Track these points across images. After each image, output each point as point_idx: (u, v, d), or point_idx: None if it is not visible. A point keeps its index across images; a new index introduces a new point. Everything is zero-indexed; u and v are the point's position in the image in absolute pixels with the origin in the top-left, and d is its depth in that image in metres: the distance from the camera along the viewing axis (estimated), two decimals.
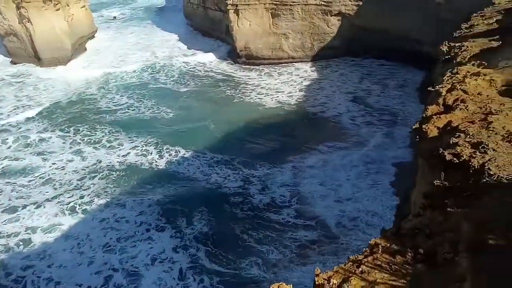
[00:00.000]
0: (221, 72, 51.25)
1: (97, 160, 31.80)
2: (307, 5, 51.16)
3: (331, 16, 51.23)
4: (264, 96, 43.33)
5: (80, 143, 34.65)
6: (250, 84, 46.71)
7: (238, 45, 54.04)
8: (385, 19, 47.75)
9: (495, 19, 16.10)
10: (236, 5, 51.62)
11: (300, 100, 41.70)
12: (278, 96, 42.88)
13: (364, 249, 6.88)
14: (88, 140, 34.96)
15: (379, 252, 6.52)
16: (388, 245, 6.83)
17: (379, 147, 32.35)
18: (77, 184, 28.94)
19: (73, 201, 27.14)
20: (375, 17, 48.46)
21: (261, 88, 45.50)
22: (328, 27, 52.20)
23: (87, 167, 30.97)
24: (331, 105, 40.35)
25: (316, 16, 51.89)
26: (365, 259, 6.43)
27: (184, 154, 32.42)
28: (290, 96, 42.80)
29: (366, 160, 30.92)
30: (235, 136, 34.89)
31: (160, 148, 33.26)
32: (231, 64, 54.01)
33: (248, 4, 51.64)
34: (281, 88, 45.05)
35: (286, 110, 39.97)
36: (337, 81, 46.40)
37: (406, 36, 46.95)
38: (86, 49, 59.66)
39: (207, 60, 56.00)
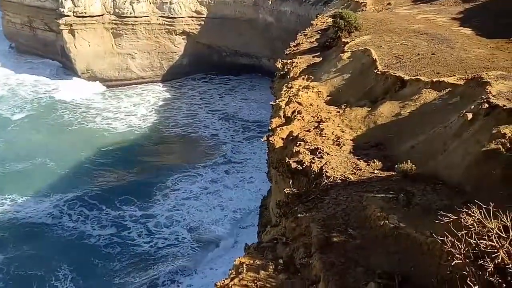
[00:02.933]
0: (60, 96, 45.74)
1: None
2: (150, 25, 50.33)
3: (176, 35, 51.61)
4: (112, 120, 40.05)
5: None
6: (93, 108, 42.78)
7: (79, 67, 49.43)
8: (226, 37, 50.71)
9: (315, 38, 18.70)
10: (71, 25, 47.17)
11: (156, 122, 40.15)
12: (130, 120, 40.34)
13: (230, 270, 6.84)
14: None
15: (244, 271, 6.53)
16: (252, 261, 6.91)
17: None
18: None
19: None
20: (217, 36, 50.98)
21: (107, 112, 42.06)
22: (175, 46, 52.42)
23: None
24: (200, 124, 39.21)
25: (161, 35, 51.50)
26: (232, 282, 6.37)
27: (20, 199, 27.13)
28: (144, 118, 40.88)
29: (258, 172, 30.10)
30: (82, 170, 30.88)
31: None
32: (74, 86, 48.88)
33: (85, 24, 47.79)
34: (133, 110, 42.76)
35: (140, 134, 37.55)
36: (198, 99, 46.05)
37: (246, 52, 50.91)
38: None
39: (41, 83, 49.36)
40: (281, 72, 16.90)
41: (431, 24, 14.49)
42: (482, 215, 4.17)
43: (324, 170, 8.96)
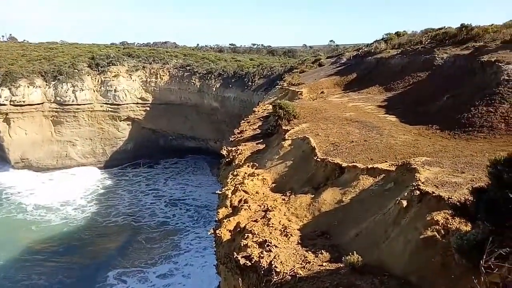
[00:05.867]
0: None
1: None
2: (93, 112, 50.15)
3: (121, 121, 51.61)
4: (46, 211, 37.11)
5: None
6: (25, 198, 39.83)
7: (12, 157, 46.64)
8: (172, 122, 51.65)
9: (257, 125, 19.54)
10: (6, 114, 45.50)
11: (96, 212, 37.81)
12: (66, 211, 37.61)
13: None
14: None
15: None
16: None
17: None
18: None
19: None
20: (163, 121, 51.79)
21: (40, 202, 39.12)
22: (119, 131, 52.07)
23: None
24: (145, 212, 37.55)
25: (104, 121, 51.23)
26: None
27: None
28: (82, 209, 38.32)
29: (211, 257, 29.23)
30: (3, 273, 27.19)
31: None
32: (5, 176, 45.68)
33: (22, 112, 46.37)
34: (69, 200, 40.08)
35: (77, 226, 34.78)
36: (143, 185, 44.71)
37: (193, 136, 51.84)
38: None
39: None
40: (227, 159, 17.12)
41: (361, 112, 15.89)
42: None
43: (273, 265, 8.67)
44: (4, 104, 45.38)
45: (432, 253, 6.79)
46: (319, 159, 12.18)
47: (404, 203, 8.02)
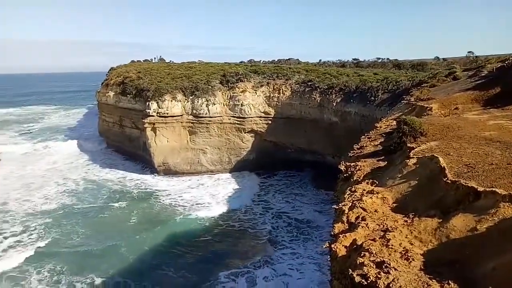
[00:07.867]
0: (139, 186, 49.96)
1: None
2: (222, 124, 54.99)
3: (245, 133, 55.31)
4: (184, 210, 42.13)
5: None
6: (170, 198, 45.80)
7: (156, 161, 54.25)
8: (291, 135, 53.01)
9: (379, 141, 18.78)
10: (153, 124, 53.31)
11: (220, 214, 41.59)
12: (198, 211, 42.32)
13: None
14: None
15: None
16: None
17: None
18: None
19: None
20: (283, 134, 53.58)
21: (183, 201, 44.54)
22: (243, 142, 55.83)
23: None
24: (255, 222, 39.86)
25: (231, 132, 55.63)
26: None
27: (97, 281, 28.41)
28: (211, 209, 42.77)
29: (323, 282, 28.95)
30: (149, 259, 31.69)
31: (58, 278, 28.98)
32: (151, 178, 53.62)
33: (166, 123, 53.73)
34: (205, 202, 44.88)
35: (205, 226, 38.78)
36: (256, 196, 47.14)
37: (311, 149, 52.20)
38: None
39: (122, 175, 54.57)
40: (345, 175, 16.87)
41: (505, 131, 13.90)
42: None
43: None
44: (153, 115, 53.46)
45: None
46: (449, 181, 11.11)
47: None
